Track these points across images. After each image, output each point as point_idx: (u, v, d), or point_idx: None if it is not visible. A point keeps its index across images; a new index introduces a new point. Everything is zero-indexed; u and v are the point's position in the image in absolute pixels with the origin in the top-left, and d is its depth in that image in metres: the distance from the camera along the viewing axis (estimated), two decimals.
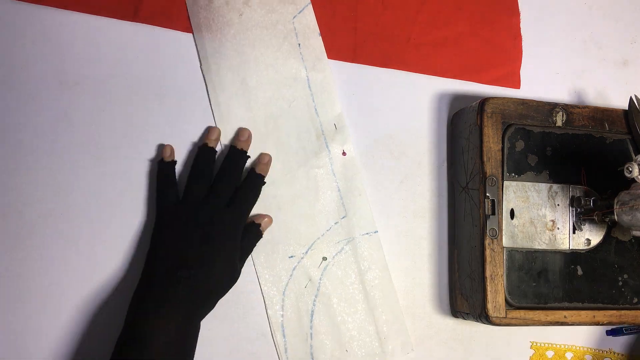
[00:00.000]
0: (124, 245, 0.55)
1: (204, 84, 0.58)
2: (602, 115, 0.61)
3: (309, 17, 0.60)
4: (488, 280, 0.55)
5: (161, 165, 0.55)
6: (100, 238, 0.55)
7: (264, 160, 0.57)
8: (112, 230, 0.55)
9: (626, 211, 0.54)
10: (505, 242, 0.57)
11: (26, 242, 0.54)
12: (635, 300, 0.59)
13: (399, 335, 0.59)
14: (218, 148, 0.57)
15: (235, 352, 0.56)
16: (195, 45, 0.58)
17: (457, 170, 0.61)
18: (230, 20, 0.58)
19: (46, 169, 0.55)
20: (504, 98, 0.58)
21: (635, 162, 0.52)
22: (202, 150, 0.56)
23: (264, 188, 0.57)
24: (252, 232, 0.55)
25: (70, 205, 0.55)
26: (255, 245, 0.56)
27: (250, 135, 0.57)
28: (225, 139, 0.58)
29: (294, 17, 0.59)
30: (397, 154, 0.62)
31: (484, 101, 0.58)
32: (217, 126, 0.57)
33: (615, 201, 0.55)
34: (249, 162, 0.57)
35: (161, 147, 0.56)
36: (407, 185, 0.62)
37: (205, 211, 0.52)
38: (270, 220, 0.57)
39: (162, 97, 0.58)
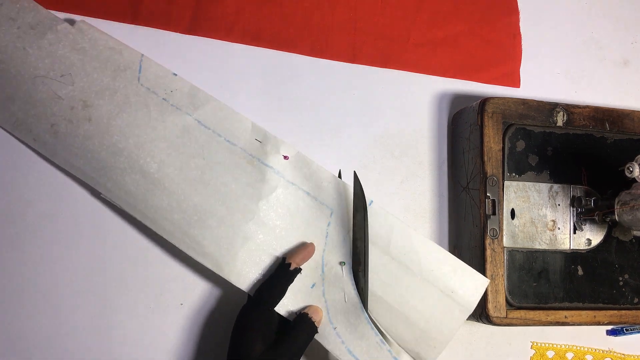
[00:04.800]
0: (125, 245, 0.55)
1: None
2: (602, 115, 0.61)
3: (152, 67, 0.53)
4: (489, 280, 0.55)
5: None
6: (101, 238, 0.55)
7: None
8: (112, 230, 0.55)
9: (627, 211, 0.54)
10: (506, 242, 0.57)
11: (26, 242, 0.54)
12: (636, 300, 0.59)
13: (464, 277, 0.53)
14: None
15: None
16: (84, 180, 0.53)
17: (457, 170, 0.61)
18: (86, 132, 0.51)
19: (46, 169, 0.55)
20: (504, 98, 0.58)
21: (635, 162, 0.52)
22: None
23: (251, 247, 0.52)
24: (305, 328, 0.49)
25: (70, 205, 0.55)
26: (310, 341, 0.49)
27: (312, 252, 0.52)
28: (157, 240, 0.54)
29: (139, 80, 0.53)
30: (397, 154, 0.62)
31: (484, 101, 0.58)
32: (157, 232, 0.51)
33: (616, 201, 0.55)
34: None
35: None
36: (407, 185, 0.62)
37: None
38: (321, 311, 0.51)
39: None
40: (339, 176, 0.55)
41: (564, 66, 0.68)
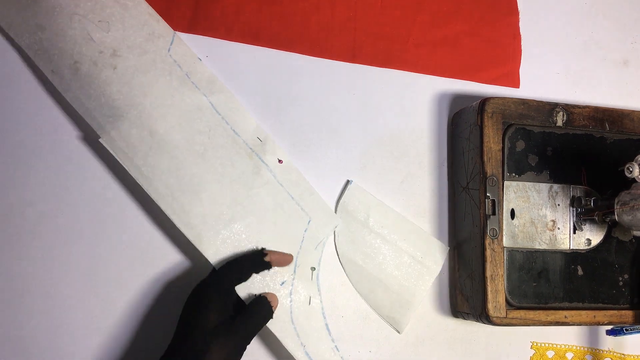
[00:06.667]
0: (124, 245, 0.55)
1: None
2: (602, 115, 0.61)
3: (182, 47, 0.56)
4: (488, 280, 0.55)
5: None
6: (100, 238, 0.55)
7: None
8: (112, 230, 0.55)
9: (627, 211, 0.54)
10: (506, 242, 0.57)
11: (26, 242, 0.54)
12: (636, 300, 0.59)
13: (430, 246, 0.61)
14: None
15: None
16: (88, 121, 0.53)
17: (457, 170, 0.61)
18: (107, 78, 0.52)
19: (46, 169, 0.55)
20: (504, 98, 0.58)
21: (635, 162, 0.52)
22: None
23: (234, 229, 0.53)
24: (262, 309, 0.50)
25: (70, 205, 0.55)
26: (265, 324, 0.51)
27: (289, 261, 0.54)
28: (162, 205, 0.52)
29: (169, 51, 0.55)
30: (397, 154, 0.62)
31: (484, 101, 0.58)
32: (147, 191, 0.52)
33: (616, 201, 0.55)
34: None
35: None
36: (407, 185, 0.62)
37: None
38: (276, 298, 0.52)
39: None
40: (346, 185, 0.60)
41: (564, 66, 0.68)
